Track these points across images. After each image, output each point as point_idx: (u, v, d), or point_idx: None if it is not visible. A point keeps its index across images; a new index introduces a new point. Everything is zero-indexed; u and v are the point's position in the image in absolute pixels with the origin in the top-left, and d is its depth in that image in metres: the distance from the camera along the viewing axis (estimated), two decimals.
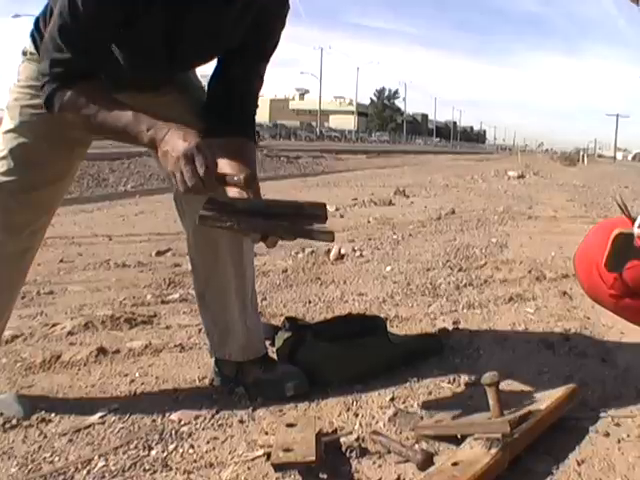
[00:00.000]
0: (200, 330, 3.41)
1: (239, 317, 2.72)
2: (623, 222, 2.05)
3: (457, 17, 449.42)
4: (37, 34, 2.43)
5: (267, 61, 2.60)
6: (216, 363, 2.84)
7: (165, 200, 9.48)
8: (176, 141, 2.08)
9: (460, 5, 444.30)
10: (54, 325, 3.59)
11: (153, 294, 4.39)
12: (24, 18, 60.22)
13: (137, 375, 2.97)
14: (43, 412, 2.55)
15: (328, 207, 6.57)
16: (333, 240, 2.13)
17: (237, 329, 2.73)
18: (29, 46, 2.47)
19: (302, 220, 2.13)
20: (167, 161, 2.09)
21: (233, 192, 2.25)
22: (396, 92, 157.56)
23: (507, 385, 2.77)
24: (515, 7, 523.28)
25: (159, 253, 5.82)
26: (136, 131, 2.17)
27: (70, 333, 3.48)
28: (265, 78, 2.64)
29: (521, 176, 20.82)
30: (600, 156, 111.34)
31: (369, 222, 8.26)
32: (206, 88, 2.63)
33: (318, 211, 2.16)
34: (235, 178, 2.16)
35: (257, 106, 2.66)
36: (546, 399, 2.43)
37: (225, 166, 2.28)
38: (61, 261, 5.39)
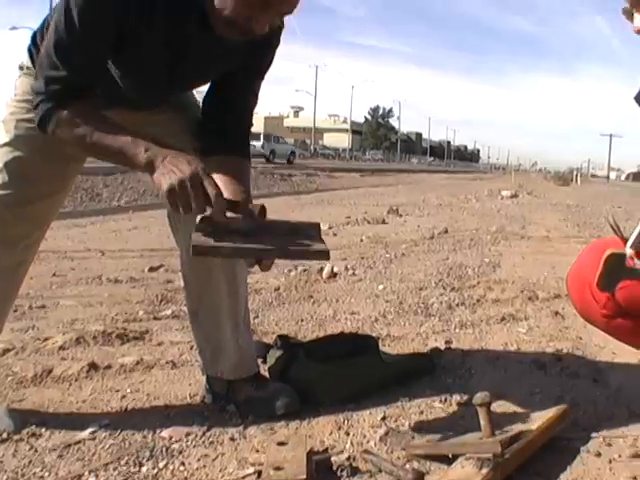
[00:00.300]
0: (192, 347, 3.41)
1: (231, 335, 2.72)
2: (616, 242, 2.05)
3: (451, 36, 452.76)
4: (34, 49, 2.43)
5: (262, 78, 2.60)
6: (207, 380, 2.84)
7: (158, 216, 9.48)
8: (181, 164, 2.07)
9: (454, 24, 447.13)
10: (46, 339, 3.58)
11: (145, 310, 4.38)
12: (22, 30, 60.38)
13: (128, 391, 2.95)
14: (34, 427, 2.54)
15: (322, 226, 6.59)
16: (329, 259, 2.12)
17: (229, 347, 2.73)
18: (26, 61, 2.48)
19: (296, 241, 2.12)
20: (165, 182, 2.05)
21: (227, 213, 2.25)
22: (390, 110, 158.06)
23: (499, 405, 2.77)
24: (509, 27, 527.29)
25: (152, 269, 5.81)
26: (132, 153, 2.16)
27: (62, 348, 3.47)
28: (260, 95, 2.64)
29: (514, 195, 20.84)
30: (593, 176, 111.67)
31: (362, 241, 8.26)
32: (201, 104, 2.64)
33: (312, 231, 2.16)
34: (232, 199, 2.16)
35: (252, 124, 2.67)
36: (537, 419, 2.43)
37: (222, 187, 2.27)
38: (54, 275, 5.38)
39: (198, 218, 2.14)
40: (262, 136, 50.51)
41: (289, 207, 12.81)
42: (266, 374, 2.93)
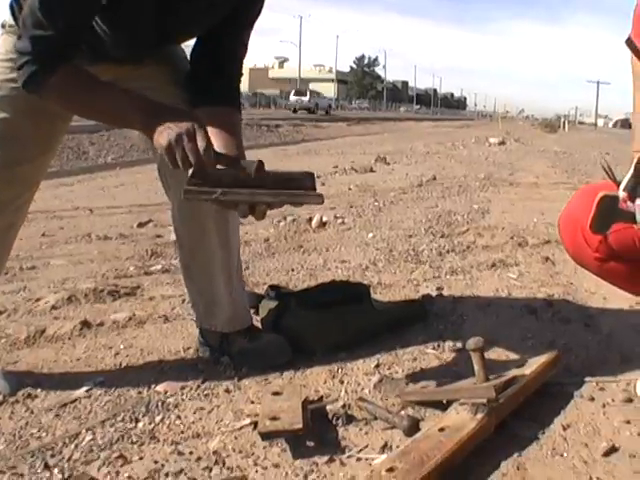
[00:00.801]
0: (184, 301, 3.41)
1: (225, 288, 2.71)
2: (607, 186, 2.05)
3: None
4: (16, 5, 2.36)
5: (251, 28, 2.56)
6: (201, 333, 2.84)
7: (146, 171, 9.47)
8: (174, 119, 2.06)
9: None
10: (37, 300, 3.57)
11: (135, 266, 4.38)
12: None
13: (122, 347, 2.95)
14: (29, 388, 2.53)
15: None
16: (322, 202, 2.10)
17: (223, 300, 2.72)
18: (8, 18, 2.41)
19: (290, 187, 2.11)
20: (164, 139, 2.04)
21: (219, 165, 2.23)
22: (376, 59, 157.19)
23: (491, 351, 2.78)
24: None
25: (140, 225, 5.80)
26: (127, 114, 2.15)
27: (54, 307, 3.46)
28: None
29: (502, 143, 20.84)
30: (581, 123, 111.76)
31: (350, 189, 8.25)
32: (189, 57, 2.60)
33: (307, 181, 2.15)
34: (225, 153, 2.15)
35: (242, 74, 2.62)
36: (531, 364, 2.44)
37: (214, 140, 2.24)
38: (43, 235, 5.35)
39: (190, 172, 2.12)
40: (308, 92, 67.54)
41: (276, 158, 12.76)
42: (259, 325, 2.93)
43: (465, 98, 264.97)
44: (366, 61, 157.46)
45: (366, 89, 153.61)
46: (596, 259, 2.37)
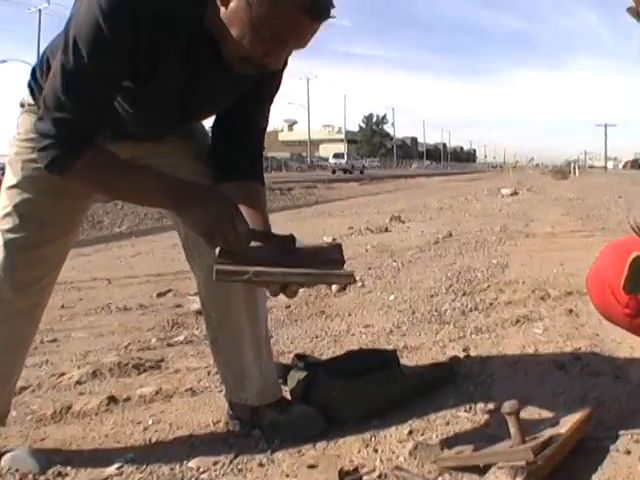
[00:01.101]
0: (209, 373, 3.40)
1: (254, 361, 2.69)
2: (634, 242, 2.05)
3: (440, 40, 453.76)
4: (34, 84, 2.39)
5: (272, 102, 2.58)
6: (231, 407, 2.81)
7: (161, 240, 9.50)
8: (213, 201, 2.10)
9: (440, 28, 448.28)
10: (61, 375, 3.56)
11: (158, 337, 4.36)
12: (12, 63, 60.57)
13: (150, 422, 2.93)
14: (58, 466, 2.51)
15: (325, 238, 6.57)
16: (355, 282, 2.11)
17: (253, 374, 2.69)
18: (27, 97, 2.43)
19: (320, 264, 2.11)
20: (201, 222, 2.09)
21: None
22: (384, 117, 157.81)
23: (524, 410, 2.74)
24: (497, 26, 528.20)
25: (160, 294, 5.78)
26: (158, 195, 2.19)
27: (78, 382, 3.45)
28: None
29: (514, 193, 20.88)
30: (591, 167, 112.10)
31: (367, 250, 8.23)
32: (210, 131, 2.61)
33: (335, 253, 2.15)
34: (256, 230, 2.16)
35: (264, 147, 2.64)
36: (566, 423, 2.41)
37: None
38: (62, 307, 5.34)
39: (217, 250, 2.12)
40: (345, 155, 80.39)
41: (291, 221, 12.78)
42: (288, 396, 2.90)
43: (474, 150, 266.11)
44: (374, 119, 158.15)
45: (376, 147, 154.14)
46: (626, 315, 2.36)
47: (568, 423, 2.39)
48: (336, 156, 79.88)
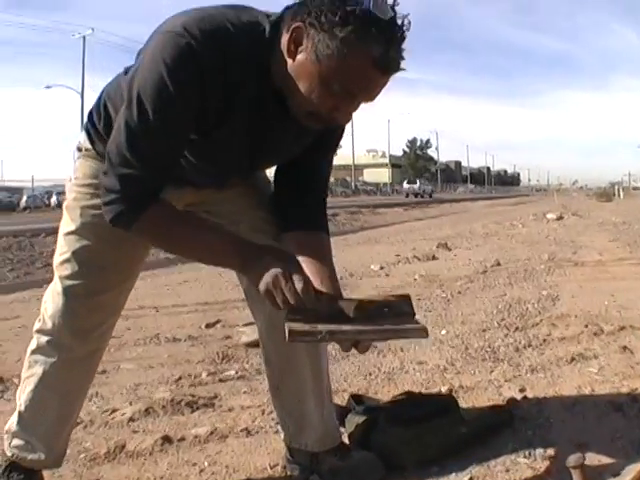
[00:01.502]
0: (264, 412, 3.39)
1: (315, 409, 2.67)
2: None
3: (479, 61, 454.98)
4: (92, 129, 2.40)
5: (337, 149, 2.57)
6: (289, 451, 2.78)
7: (207, 267, 9.48)
8: (274, 266, 2.07)
9: (480, 49, 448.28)
10: (114, 411, 3.57)
11: (209, 371, 4.36)
12: (56, 89, 61.45)
13: (206, 464, 2.92)
14: None
15: (372, 266, 6.55)
16: (427, 336, 2.09)
17: (314, 421, 2.67)
18: (83, 141, 2.43)
19: (391, 318, 2.09)
20: (263, 283, 2.07)
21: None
22: (428, 141, 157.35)
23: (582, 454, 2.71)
24: (538, 47, 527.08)
25: (208, 325, 5.79)
26: (223, 256, 2.18)
27: (131, 419, 3.45)
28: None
29: (560, 218, 20.79)
30: (635, 189, 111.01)
31: (415, 280, 8.21)
32: (272, 178, 2.58)
33: (405, 306, 2.13)
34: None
35: (327, 194, 2.62)
36: (629, 472, 2.36)
37: (305, 266, 2.25)
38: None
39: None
40: (418, 180, 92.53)
41: (338, 248, 12.74)
42: (345, 438, 2.88)
43: (518, 174, 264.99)
44: (418, 143, 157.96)
45: (420, 172, 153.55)
46: None
47: (631, 473, 2.35)
48: (409, 182, 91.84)
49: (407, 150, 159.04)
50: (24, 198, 45.77)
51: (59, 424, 2.60)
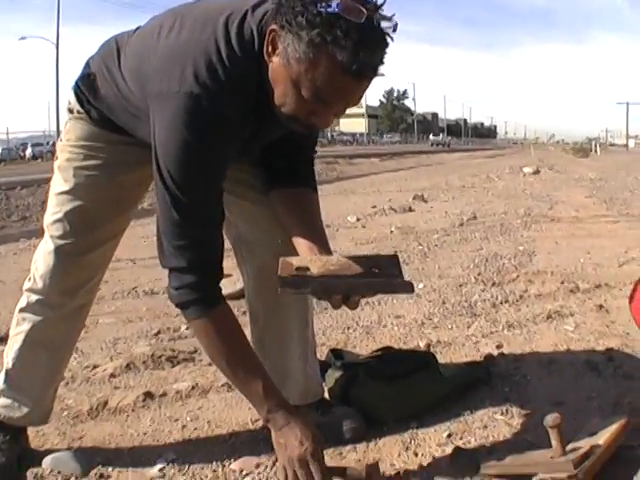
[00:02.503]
0: None
1: (298, 361, 2.70)
2: None
3: (462, 14, 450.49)
4: (81, 95, 2.39)
5: None
6: None
7: None
8: (292, 442, 2.15)
9: (464, 1, 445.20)
10: (95, 367, 3.59)
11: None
12: (31, 40, 60.71)
13: (188, 419, 2.95)
14: (100, 467, 2.54)
15: (349, 218, 6.57)
16: (413, 291, 2.14)
17: (296, 374, 2.70)
18: (74, 103, 2.43)
19: (380, 274, 2.13)
20: (280, 453, 2.18)
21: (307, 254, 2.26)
22: (405, 92, 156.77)
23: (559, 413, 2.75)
24: (520, 1, 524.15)
25: None
26: (257, 404, 2.25)
27: (113, 375, 3.48)
28: None
29: (536, 172, 20.86)
30: (612, 145, 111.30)
31: (392, 232, 8.27)
32: None
33: (392, 263, 2.17)
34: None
35: (316, 152, 2.62)
36: (604, 433, 2.40)
37: (293, 224, 2.34)
38: None
39: (280, 264, 2.14)
40: (445, 131, 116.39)
41: None
42: (326, 394, 2.91)
43: (495, 126, 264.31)
44: (395, 94, 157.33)
45: (396, 122, 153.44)
46: None
47: (606, 433, 2.38)
48: (435, 135, 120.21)
49: (384, 101, 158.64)
50: None
51: (47, 380, 2.62)
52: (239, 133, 2.11)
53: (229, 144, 2.08)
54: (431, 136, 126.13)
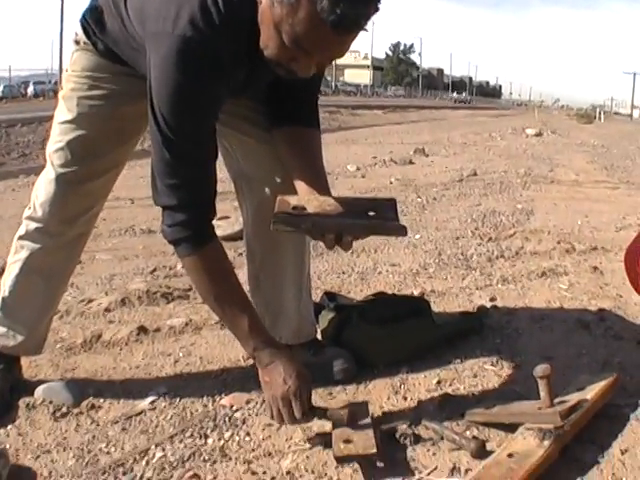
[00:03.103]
0: None
1: (293, 300, 2.71)
2: None
3: None
4: (88, 27, 2.38)
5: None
6: None
7: None
8: (276, 379, 2.18)
9: None
10: (90, 301, 3.61)
11: None
12: None
13: (181, 355, 2.98)
14: (91, 398, 2.56)
15: (349, 167, 6.56)
16: (406, 234, 2.17)
17: (290, 313, 2.71)
18: (80, 34, 2.41)
19: (375, 217, 2.14)
20: (265, 390, 2.23)
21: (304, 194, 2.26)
22: (412, 46, 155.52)
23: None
24: None
25: None
26: (244, 341, 2.28)
27: (107, 310, 3.51)
28: None
29: (539, 134, 20.74)
30: (617, 113, 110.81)
31: (391, 183, 8.27)
32: None
33: (389, 207, 2.18)
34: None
35: (320, 94, 2.61)
36: (592, 388, 2.42)
37: (295, 163, 2.34)
38: None
39: (277, 202, 2.16)
40: (450, 87, 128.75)
41: None
42: (319, 335, 2.92)
43: (500, 86, 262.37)
44: (402, 47, 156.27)
45: (401, 76, 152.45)
46: None
47: (595, 389, 2.41)
48: (456, 91, 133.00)
49: (390, 53, 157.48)
50: (0, 88, 45.17)
51: (42, 309, 2.64)
52: (231, 74, 2.11)
53: (220, 85, 2.08)
54: (455, 94, 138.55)
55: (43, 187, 2.49)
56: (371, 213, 2.16)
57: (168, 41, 1.96)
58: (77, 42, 2.44)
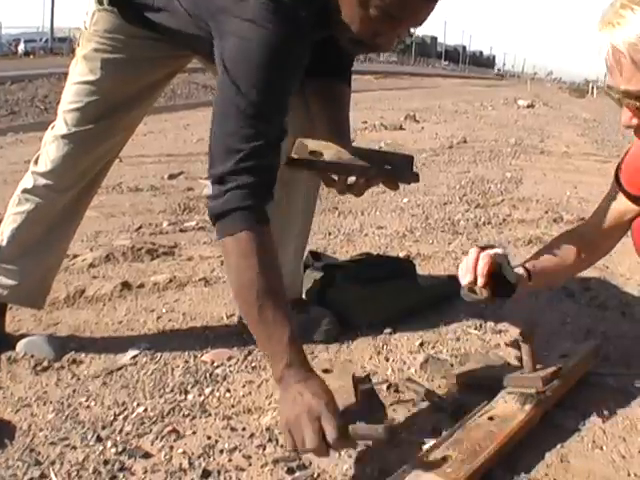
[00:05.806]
0: (222, 262, 3.39)
1: (291, 256, 2.69)
2: None
3: None
4: None
5: None
6: None
7: (173, 119, 9.48)
8: (308, 399, 1.81)
9: None
10: (74, 257, 3.59)
11: (169, 221, 4.43)
12: None
13: (164, 311, 2.97)
14: (73, 352, 2.56)
15: None
16: (419, 180, 2.20)
17: (286, 267, 2.53)
18: None
19: (389, 165, 2.18)
20: (288, 410, 1.83)
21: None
22: None
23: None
24: None
25: (171, 176, 5.83)
26: (277, 353, 1.90)
27: (92, 265, 3.50)
28: None
29: (531, 106, 20.64)
30: None
31: (381, 148, 8.20)
32: None
33: (405, 167, 2.18)
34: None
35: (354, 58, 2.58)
36: (574, 355, 2.42)
37: (321, 115, 2.36)
38: None
39: (296, 143, 2.15)
40: (443, 56, 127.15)
41: None
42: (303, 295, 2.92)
43: (494, 57, 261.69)
44: None
45: None
46: None
47: (577, 356, 2.41)
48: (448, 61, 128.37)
49: None
50: None
51: (41, 260, 2.61)
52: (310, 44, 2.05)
53: (305, 50, 2.02)
54: (447, 63, 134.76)
55: (54, 144, 2.47)
56: (387, 167, 2.18)
57: (256, 4, 1.90)
58: (100, 2, 2.36)
